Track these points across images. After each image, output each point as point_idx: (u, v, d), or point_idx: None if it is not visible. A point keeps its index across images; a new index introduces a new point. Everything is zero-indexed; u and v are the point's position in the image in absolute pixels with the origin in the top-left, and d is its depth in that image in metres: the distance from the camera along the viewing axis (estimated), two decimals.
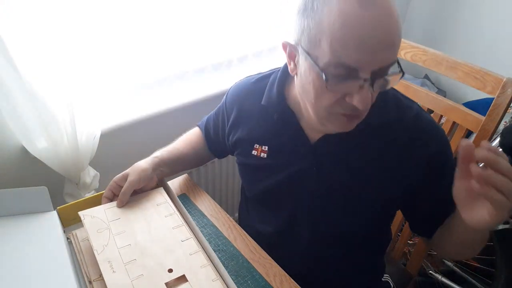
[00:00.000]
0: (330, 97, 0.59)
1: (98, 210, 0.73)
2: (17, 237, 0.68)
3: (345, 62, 0.54)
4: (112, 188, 0.76)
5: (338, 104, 0.60)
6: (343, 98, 0.59)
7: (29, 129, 0.94)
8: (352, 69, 0.55)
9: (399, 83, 1.02)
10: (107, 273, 0.61)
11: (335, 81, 0.56)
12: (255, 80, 0.83)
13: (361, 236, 0.78)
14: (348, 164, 0.71)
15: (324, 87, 0.57)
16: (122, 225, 0.70)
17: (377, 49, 0.53)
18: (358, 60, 0.54)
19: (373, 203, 0.72)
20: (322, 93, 0.59)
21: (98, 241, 0.66)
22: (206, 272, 0.64)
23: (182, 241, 0.69)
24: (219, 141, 0.91)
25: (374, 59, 0.54)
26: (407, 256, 1.33)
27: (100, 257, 0.63)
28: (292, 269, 0.72)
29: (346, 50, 0.53)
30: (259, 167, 0.79)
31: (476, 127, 0.87)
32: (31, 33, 0.84)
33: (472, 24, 1.77)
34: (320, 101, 0.61)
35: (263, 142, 0.77)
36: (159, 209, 0.75)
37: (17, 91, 0.88)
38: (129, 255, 0.65)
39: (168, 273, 0.63)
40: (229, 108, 0.85)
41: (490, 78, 0.85)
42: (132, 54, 1.16)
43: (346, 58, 0.54)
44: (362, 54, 0.53)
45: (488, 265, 1.38)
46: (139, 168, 0.78)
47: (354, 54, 0.53)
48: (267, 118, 0.77)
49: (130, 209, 0.74)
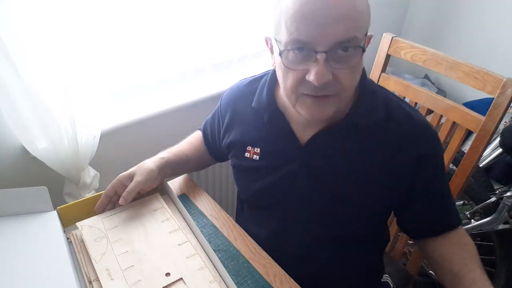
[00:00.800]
0: (293, 77, 0.61)
1: (96, 220, 0.73)
2: (17, 237, 0.68)
3: (299, 38, 0.57)
4: (115, 186, 0.76)
5: (301, 83, 0.61)
6: (304, 77, 0.60)
7: (29, 129, 0.94)
8: (306, 44, 0.57)
9: (399, 83, 1.04)
10: (105, 281, 0.61)
11: (293, 58, 0.59)
12: (248, 82, 0.83)
13: (356, 236, 0.78)
14: (338, 165, 0.71)
15: (286, 67, 0.60)
16: (119, 232, 0.71)
17: (327, 23, 0.55)
18: (310, 35, 0.56)
19: (365, 203, 0.72)
20: (286, 74, 0.62)
21: (96, 250, 0.67)
22: (204, 274, 0.65)
23: (179, 244, 0.70)
24: (216, 145, 0.91)
25: (326, 33, 0.56)
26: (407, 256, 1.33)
27: (98, 266, 0.64)
28: (288, 271, 0.72)
29: (298, 27, 0.56)
30: (251, 170, 0.79)
31: (476, 127, 0.87)
32: (31, 33, 0.84)
33: (472, 24, 1.77)
34: (286, 82, 0.63)
35: (255, 144, 0.78)
36: (155, 215, 0.76)
37: (17, 91, 0.88)
38: (126, 262, 0.65)
39: (165, 277, 0.63)
40: (224, 111, 0.85)
41: (490, 78, 0.85)
42: (132, 54, 1.16)
43: (299, 34, 0.56)
44: (313, 29, 0.55)
45: (488, 265, 1.38)
46: (146, 169, 0.77)
47: (305, 29, 0.56)
48: (259, 121, 0.77)
49: (127, 216, 0.75)
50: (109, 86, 1.14)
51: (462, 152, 1.00)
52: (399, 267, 1.10)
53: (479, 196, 1.29)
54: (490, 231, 1.31)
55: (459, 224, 0.75)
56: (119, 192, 0.76)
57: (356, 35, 0.57)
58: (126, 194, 0.73)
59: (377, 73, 1.08)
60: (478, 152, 0.88)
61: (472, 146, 0.89)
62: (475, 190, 1.29)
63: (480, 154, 0.88)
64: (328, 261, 0.79)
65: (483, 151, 0.88)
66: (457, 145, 0.94)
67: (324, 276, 0.80)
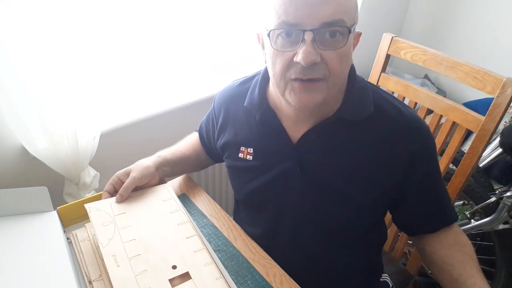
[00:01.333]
0: (281, 61, 0.62)
1: (104, 203, 0.72)
2: (17, 237, 0.68)
3: (285, 20, 0.58)
4: (113, 182, 0.77)
5: (289, 67, 0.62)
6: (292, 60, 0.61)
7: (29, 129, 0.94)
8: (293, 26, 0.58)
9: (399, 83, 1.04)
10: (111, 266, 0.61)
11: (281, 42, 0.60)
12: (239, 83, 0.84)
13: (351, 234, 0.78)
14: (330, 162, 0.71)
15: (275, 51, 0.61)
16: (127, 219, 0.70)
17: (314, 3, 0.57)
18: (297, 16, 0.57)
19: (358, 198, 0.72)
20: (275, 59, 0.62)
21: (104, 235, 0.66)
22: (210, 270, 0.64)
23: (187, 238, 0.69)
24: (212, 146, 0.92)
25: (313, 14, 0.57)
26: (407, 256, 1.33)
27: (105, 251, 0.63)
28: (285, 270, 0.72)
29: (285, 8, 0.58)
30: (245, 170, 0.79)
31: (476, 127, 0.87)
32: (31, 34, 0.84)
33: (472, 24, 1.77)
34: (275, 68, 0.63)
35: (249, 144, 0.78)
36: (164, 205, 0.75)
37: (17, 91, 0.88)
38: (133, 250, 0.64)
39: (172, 269, 0.63)
40: (217, 112, 0.86)
41: (490, 78, 0.85)
42: (132, 54, 1.16)
43: (286, 16, 0.58)
44: (299, 9, 0.57)
45: (488, 265, 1.38)
46: (142, 165, 0.78)
47: (292, 10, 0.57)
48: (251, 120, 0.78)
49: (136, 204, 0.74)
50: (109, 87, 1.14)
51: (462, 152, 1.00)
52: (399, 267, 1.10)
53: (479, 196, 1.29)
54: (490, 231, 1.31)
55: (455, 221, 0.75)
56: (118, 188, 0.76)
57: (343, 18, 0.58)
58: (122, 191, 0.74)
59: (377, 73, 1.08)
60: (478, 152, 0.88)
61: (472, 146, 0.89)
62: (475, 190, 1.29)
63: (480, 154, 0.88)
64: (323, 258, 0.79)
65: (483, 151, 0.88)
66: (457, 145, 0.94)
67: (319, 273, 0.80)
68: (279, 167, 0.75)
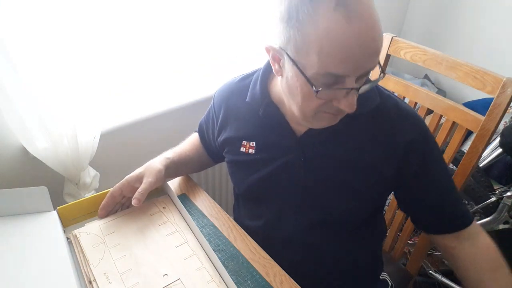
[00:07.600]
0: (318, 102, 0.62)
1: (93, 227, 0.74)
2: (17, 237, 0.68)
3: (333, 72, 0.57)
4: (123, 187, 0.76)
5: (325, 106, 0.63)
6: (330, 102, 0.62)
7: (29, 129, 0.94)
8: (339, 77, 0.58)
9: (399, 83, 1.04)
10: (103, 285, 0.62)
11: (323, 88, 0.59)
12: (239, 79, 0.85)
13: (352, 225, 0.79)
14: (334, 154, 0.72)
15: (312, 94, 0.60)
16: (117, 237, 0.71)
17: (362, 59, 0.56)
18: (346, 70, 0.57)
19: (360, 191, 0.73)
20: (309, 98, 0.62)
21: (94, 255, 0.67)
22: (201, 274, 0.65)
23: (176, 246, 0.70)
24: (212, 144, 0.92)
25: (360, 67, 0.57)
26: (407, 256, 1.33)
27: (96, 271, 0.64)
28: (285, 262, 0.73)
29: (334, 62, 0.56)
30: (247, 163, 0.80)
31: (476, 127, 0.87)
32: (31, 34, 0.84)
33: (472, 24, 1.77)
34: (307, 104, 0.63)
35: (251, 138, 0.79)
36: (153, 219, 0.76)
37: (17, 91, 0.88)
38: (124, 266, 0.66)
39: (163, 278, 0.64)
40: (217, 110, 0.86)
41: (490, 78, 0.85)
42: (132, 54, 1.16)
43: (334, 69, 0.56)
44: (349, 65, 0.56)
45: None
46: (155, 169, 0.78)
47: (342, 65, 0.56)
48: (253, 115, 0.78)
49: (124, 222, 0.75)
50: (109, 86, 1.14)
51: (462, 152, 1.00)
52: (399, 267, 1.10)
53: (479, 196, 1.29)
54: (490, 231, 1.31)
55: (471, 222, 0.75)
56: (126, 193, 0.77)
57: (377, 63, 0.59)
58: (139, 195, 0.73)
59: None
60: (478, 152, 0.88)
61: (472, 146, 0.89)
62: (475, 190, 1.29)
63: (480, 154, 0.88)
64: (324, 249, 0.80)
65: (483, 151, 0.88)
66: (457, 145, 0.94)
67: (320, 264, 0.81)
68: (282, 159, 0.76)
